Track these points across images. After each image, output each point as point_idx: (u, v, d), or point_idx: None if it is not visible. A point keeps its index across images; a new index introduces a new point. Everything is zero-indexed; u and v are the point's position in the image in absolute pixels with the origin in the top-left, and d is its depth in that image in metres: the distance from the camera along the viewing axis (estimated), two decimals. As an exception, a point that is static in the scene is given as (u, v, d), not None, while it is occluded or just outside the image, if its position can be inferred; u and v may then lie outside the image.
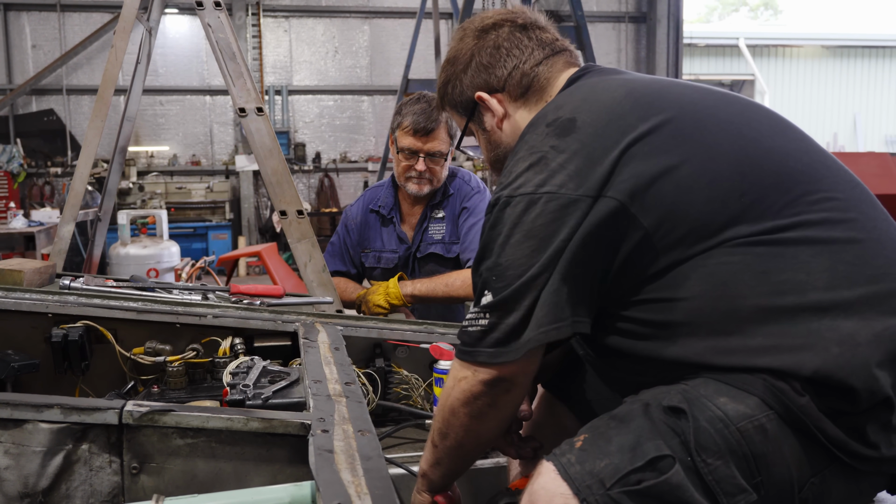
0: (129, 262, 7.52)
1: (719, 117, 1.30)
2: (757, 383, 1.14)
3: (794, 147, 1.30)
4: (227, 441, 1.33)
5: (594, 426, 1.20)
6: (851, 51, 19.67)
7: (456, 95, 1.54)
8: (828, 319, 1.15)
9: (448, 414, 1.32)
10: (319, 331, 2.05)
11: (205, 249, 11.84)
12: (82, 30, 12.36)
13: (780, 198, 1.21)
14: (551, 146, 1.27)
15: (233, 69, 2.57)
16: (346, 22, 13.37)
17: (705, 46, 18.39)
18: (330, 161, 13.40)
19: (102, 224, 2.94)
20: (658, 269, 1.22)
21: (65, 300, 2.03)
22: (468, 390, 1.27)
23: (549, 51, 1.49)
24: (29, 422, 1.27)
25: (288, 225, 2.58)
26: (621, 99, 1.30)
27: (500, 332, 1.23)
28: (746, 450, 1.11)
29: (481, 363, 1.25)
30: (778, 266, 1.18)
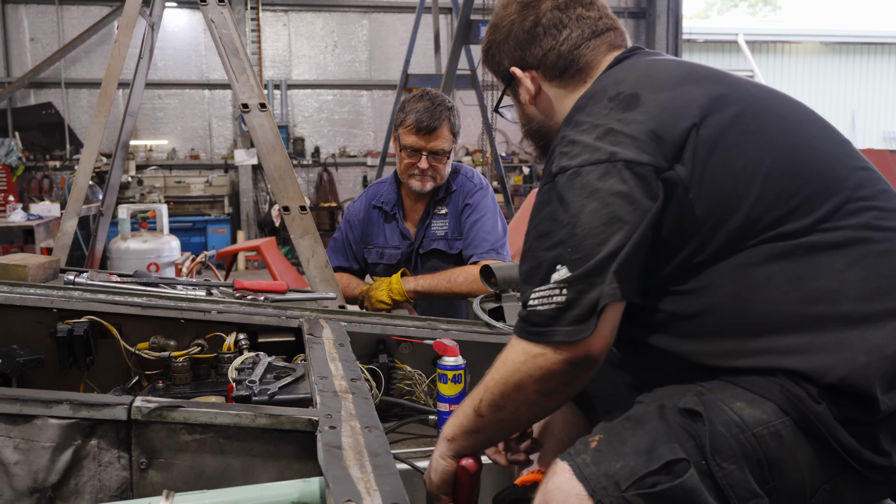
0: (129, 257, 7.51)
1: (773, 111, 1.30)
2: (774, 389, 1.15)
3: (839, 152, 1.29)
4: (234, 437, 1.34)
5: (609, 427, 1.21)
6: (850, 47, 19.65)
7: (494, 63, 1.55)
8: (858, 330, 1.16)
9: (511, 389, 1.26)
10: (323, 327, 2.05)
11: (204, 244, 11.83)
12: (80, 23, 12.32)
13: (824, 203, 1.21)
14: (618, 119, 1.25)
15: (236, 65, 2.57)
16: (346, 16, 13.34)
17: (704, 42, 18.37)
18: (329, 155, 13.40)
19: (105, 219, 2.94)
20: (697, 261, 1.22)
21: (69, 295, 2.03)
22: (547, 368, 1.21)
23: (591, 32, 1.47)
24: (38, 417, 1.27)
25: (291, 221, 2.58)
26: (682, 78, 1.30)
27: (582, 307, 1.17)
28: (761, 455, 1.12)
29: (559, 343, 1.19)
30: (812, 273, 1.19)
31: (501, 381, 1.27)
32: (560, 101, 1.47)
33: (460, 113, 2.84)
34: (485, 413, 1.32)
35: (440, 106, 2.70)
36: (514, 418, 1.32)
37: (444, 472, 1.41)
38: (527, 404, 1.27)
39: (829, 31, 19.81)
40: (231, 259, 7.93)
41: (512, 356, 1.26)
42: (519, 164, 13.82)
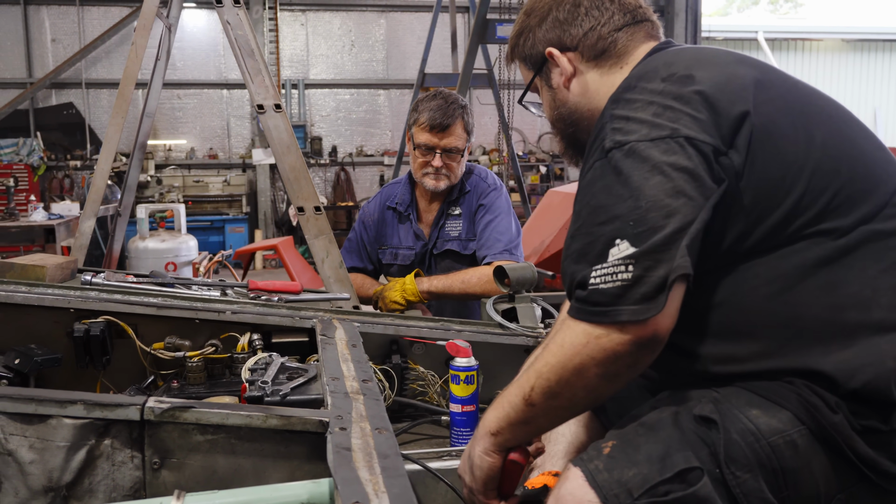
0: (147, 256, 7.58)
1: (820, 106, 1.29)
2: (790, 397, 1.14)
3: (879, 156, 1.28)
4: (246, 437, 1.35)
5: (623, 433, 1.21)
6: (872, 44, 19.43)
7: (527, 48, 1.52)
8: (889, 337, 1.15)
9: (570, 373, 1.18)
10: (337, 327, 2.06)
11: (222, 243, 11.90)
12: (101, 24, 12.43)
13: (864, 205, 1.21)
14: (675, 97, 1.22)
15: (251, 66, 2.59)
16: (363, 16, 13.37)
17: (724, 40, 18.24)
18: (346, 155, 13.44)
19: (122, 219, 2.97)
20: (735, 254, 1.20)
21: (86, 295, 2.05)
22: (611, 350, 1.14)
23: (631, 18, 1.46)
24: (53, 417, 1.29)
25: (305, 221, 2.60)
26: (734, 63, 1.28)
27: (650, 284, 1.11)
28: (776, 464, 1.12)
29: (625, 322, 1.12)
30: (846, 279, 1.18)
31: (559, 366, 1.19)
32: (596, 83, 1.45)
33: (476, 112, 2.85)
34: (537, 402, 1.24)
35: (453, 104, 2.71)
36: (570, 405, 1.24)
37: (490, 468, 1.33)
38: (586, 390, 1.19)
39: (850, 29, 19.59)
40: (249, 258, 7.98)
41: (571, 338, 1.18)
42: (536, 164, 13.79)
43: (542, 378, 1.22)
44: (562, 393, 1.21)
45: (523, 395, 1.25)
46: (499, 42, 6.99)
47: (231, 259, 6.77)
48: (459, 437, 1.95)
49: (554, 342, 1.21)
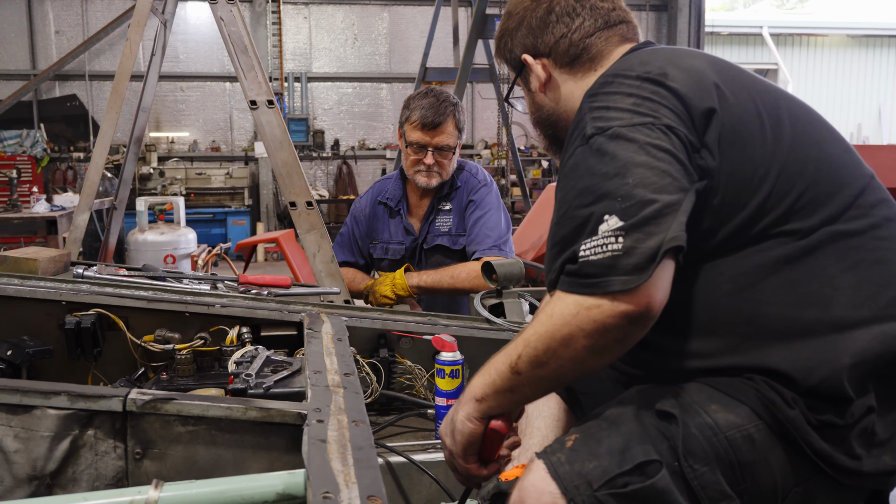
0: (146, 249, 7.63)
1: (787, 108, 1.31)
2: (749, 393, 1.17)
3: (846, 158, 1.31)
4: (226, 429, 1.38)
5: (585, 427, 1.23)
6: (877, 40, 19.36)
7: (507, 51, 1.56)
8: (845, 334, 1.18)
9: (558, 344, 1.16)
10: (324, 321, 2.09)
11: (223, 235, 11.95)
12: (105, 16, 12.47)
13: (828, 207, 1.23)
14: (652, 91, 1.23)
15: (244, 62, 2.61)
16: (366, 9, 13.38)
17: (728, 35, 18.19)
18: (348, 148, 13.46)
19: (118, 212, 3.00)
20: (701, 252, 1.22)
21: (78, 288, 2.09)
22: (601, 322, 1.12)
23: (604, 22, 1.47)
24: (38, 408, 1.32)
25: (297, 216, 2.62)
26: (706, 67, 1.29)
27: (639, 255, 1.10)
28: (733, 458, 1.15)
29: (617, 293, 1.11)
30: (807, 278, 1.20)
31: (547, 336, 1.17)
32: (570, 89, 1.48)
33: (478, 106, 2.87)
34: (523, 370, 1.21)
35: (445, 102, 2.73)
36: (557, 376, 1.22)
37: (471, 434, 1.31)
38: (573, 361, 1.17)
39: (855, 24, 19.53)
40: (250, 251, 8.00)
41: (560, 309, 1.16)
42: (538, 158, 13.80)
43: (529, 347, 1.20)
44: (548, 363, 1.19)
45: (510, 362, 1.23)
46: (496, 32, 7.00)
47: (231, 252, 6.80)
48: (444, 431, 1.99)
49: (543, 313, 1.20)
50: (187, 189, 12.15)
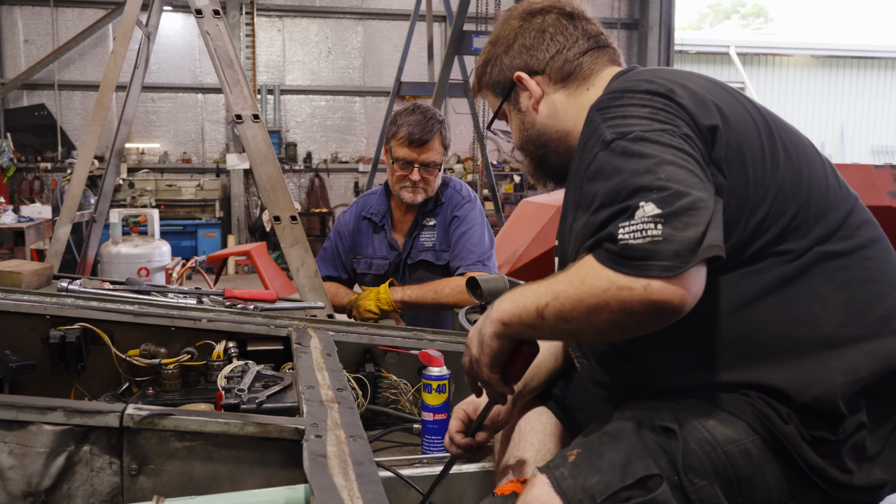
0: (119, 262, 7.52)
1: (782, 131, 1.34)
2: (746, 409, 1.20)
3: (833, 181, 1.34)
4: (223, 444, 1.37)
5: (587, 441, 1.25)
6: (840, 61, 19.84)
7: (494, 75, 1.56)
8: (837, 352, 1.21)
9: (584, 310, 1.16)
10: (312, 336, 2.09)
11: (194, 247, 11.84)
12: (75, 25, 12.34)
13: (819, 228, 1.27)
14: (664, 105, 1.24)
15: (230, 76, 2.62)
16: (340, 23, 13.41)
17: (696, 53, 18.52)
18: (321, 161, 13.44)
19: (97, 225, 2.98)
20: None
21: (62, 302, 2.07)
22: (630, 305, 1.12)
23: (594, 43, 1.51)
24: (33, 423, 1.31)
25: (282, 230, 2.62)
26: (708, 86, 1.32)
27: (679, 244, 1.09)
28: (731, 472, 1.18)
29: (653, 278, 1.09)
30: (799, 297, 1.23)
31: (576, 299, 1.17)
32: (564, 105, 1.50)
33: (452, 121, 2.90)
34: (547, 318, 1.22)
35: (432, 119, 2.76)
36: (575, 334, 1.25)
37: (499, 349, 1.31)
38: (593, 328, 1.18)
39: (819, 45, 20.00)
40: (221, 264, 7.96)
41: (593, 279, 1.14)
42: (510, 173, 13.89)
43: (557, 301, 1.19)
44: (571, 321, 1.19)
45: (537, 306, 1.22)
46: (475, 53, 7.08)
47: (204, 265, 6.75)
48: (431, 445, 1.99)
49: (574, 274, 1.19)
50: (157, 200, 12.03)
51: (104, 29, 12.38)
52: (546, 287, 1.23)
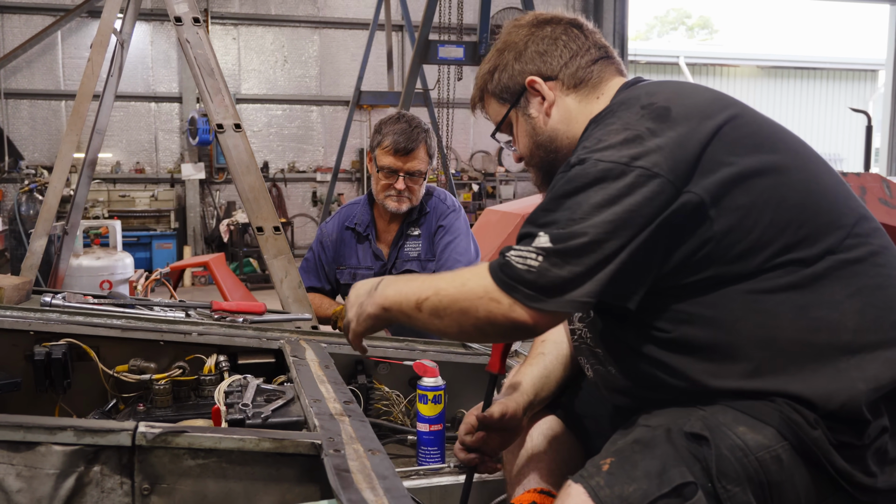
0: (81, 274, 7.29)
1: (787, 143, 1.36)
2: (773, 414, 1.21)
3: (840, 190, 1.37)
4: (237, 461, 1.34)
5: (619, 450, 1.25)
6: (784, 71, 20.40)
7: (504, 80, 1.55)
8: (855, 359, 1.24)
9: (457, 310, 1.31)
10: (306, 348, 2.07)
11: (149, 259, 11.59)
12: (22, 32, 12.00)
13: (829, 236, 1.28)
14: (647, 128, 1.28)
15: (211, 85, 2.58)
16: (296, 31, 13.30)
17: (646, 63, 18.86)
18: (278, 171, 13.29)
19: (69, 238, 2.90)
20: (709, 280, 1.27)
21: (47, 317, 2.01)
22: (493, 315, 1.27)
23: (604, 53, 1.54)
24: (42, 444, 1.26)
25: (265, 241, 2.59)
26: (711, 101, 1.34)
27: (548, 280, 1.22)
28: (763, 478, 1.19)
29: (516, 300, 1.24)
30: (816, 303, 1.25)
31: (452, 299, 1.32)
32: (576, 110, 1.51)
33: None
34: (423, 311, 1.37)
35: (417, 128, 2.75)
36: (443, 330, 1.38)
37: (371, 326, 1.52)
38: (460, 327, 1.33)
39: (765, 56, 20.55)
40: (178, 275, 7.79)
41: (473, 285, 1.30)
42: (468, 182, 13.94)
43: (436, 297, 1.34)
44: (444, 318, 1.34)
45: (418, 298, 1.38)
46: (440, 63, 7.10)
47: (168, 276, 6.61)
48: (427, 457, 1.98)
49: (462, 275, 1.35)
50: (110, 212, 11.74)
51: (53, 36, 12.07)
52: (430, 282, 1.38)
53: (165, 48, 12.66)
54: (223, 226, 11.85)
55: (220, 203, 12.94)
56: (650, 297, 1.29)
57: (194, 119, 11.72)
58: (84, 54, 12.88)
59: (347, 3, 13.39)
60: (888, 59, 16.18)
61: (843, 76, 20.64)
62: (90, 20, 12.26)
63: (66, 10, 11.99)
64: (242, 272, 11.42)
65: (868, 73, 20.59)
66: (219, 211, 12.82)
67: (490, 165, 14.18)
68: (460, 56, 6.83)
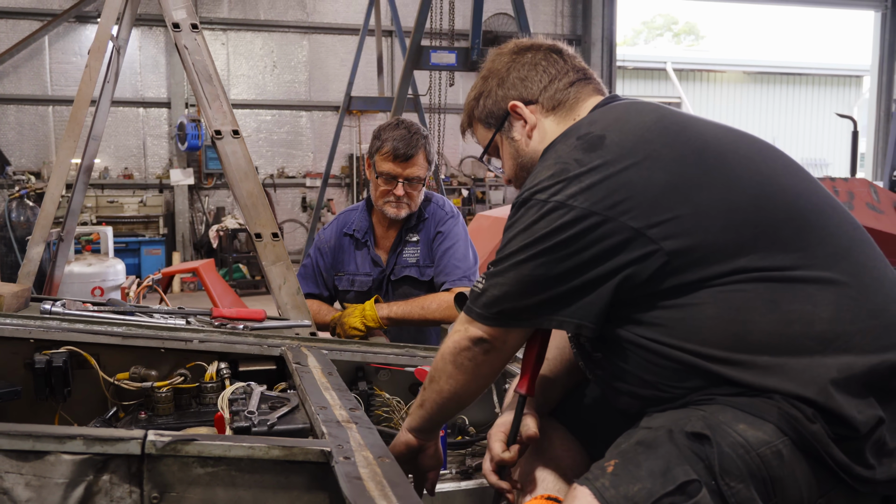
0: (72, 281, 7.21)
1: (739, 153, 1.40)
2: (772, 410, 1.23)
3: (804, 187, 1.40)
4: (246, 469, 1.34)
5: (623, 451, 1.27)
6: (770, 77, 20.55)
7: (488, 106, 1.64)
8: (831, 349, 1.26)
9: (439, 359, 1.53)
10: (307, 355, 2.06)
11: (137, 265, 11.52)
12: (9, 37, 11.93)
13: (791, 232, 1.32)
14: (575, 159, 1.37)
15: (209, 91, 2.57)
16: (285, 37, 13.28)
17: (634, 69, 18.95)
18: (267, 176, 13.26)
19: (65, 244, 2.88)
20: (673, 288, 1.31)
21: (47, 325, 1.99)
22: (458, 342, 1.49)
23: (582, 75, 1.61)
24: (51, 453, 1.25)
25: (263, 247, 2.58)
26: (651, 124, 1.40)
27: (486, 297, 1.43)
28: (765, 474, 1.20)
29: (472, 318, 1.45)
30: (787, 297, 1.28)
31: (438, 354, 1.55)
32: (553, 131, 1.57)
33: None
34: (426, 385, 1.59)
35: (416, 134, 2.76)
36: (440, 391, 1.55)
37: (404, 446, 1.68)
38: (446, 375, 1.53)
39: (751, 62, 20.71)
40: (167, 281, 7.75)
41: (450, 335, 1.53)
42: (458, 187, 13.95)
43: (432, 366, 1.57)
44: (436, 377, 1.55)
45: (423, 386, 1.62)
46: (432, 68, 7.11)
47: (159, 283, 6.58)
48: (429, 463, 1.98)
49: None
50: (98, 217, 11.68)
51: (40, 41, 12.01)
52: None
53: (154, 53, 12.61)
54: (213, 231, 11.81)
55: (210, 209, 12.90)
56: (624, 308, 1.35)
57: (183, 124, 11.68)
58: (71, 59, 12.84)
59: (336, 8, 13.39)
60: (873, 65, 16.34)
61: (829, 82, 20.82)
62: (78, 25, 12.21)
63: (53, 14, 11.92)
64: (232, 278, 11.38)
65: (853, 78, 20.78)
66: (208, 217, 12.78)
67: (480, 171, 14.21)
68: (452, 62, 6.86)
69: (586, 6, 14.50)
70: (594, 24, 14.40)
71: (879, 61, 16.05)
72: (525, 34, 6.85)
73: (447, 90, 9.50)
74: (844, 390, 1.23)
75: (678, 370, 1.32)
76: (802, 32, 28.88)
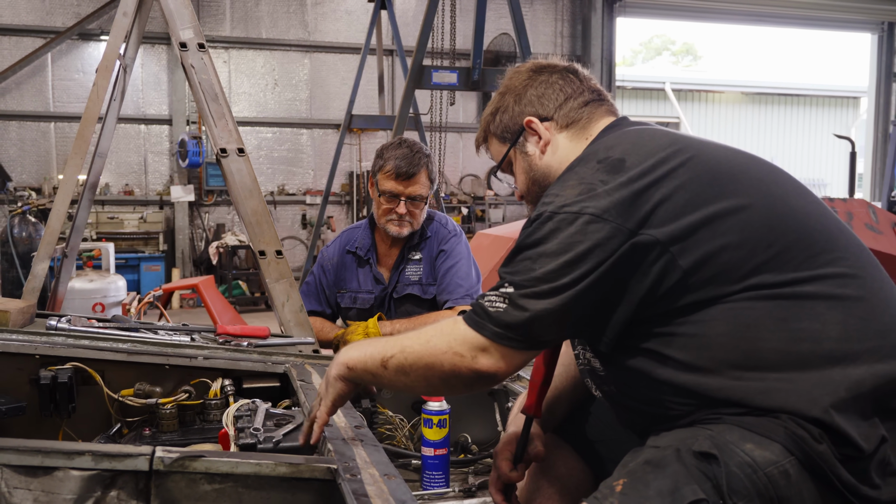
0: (74, 297, 7.20)
1: (750, 174, 1.43)
2: (779, 430, 1.24)
3: (812, 209, 1.42)
4: (253, 486, 1.35)
5: (631, 471, 1.27)
6: (768, 97, 20.65)
7: (504, 121, 1.66)
8: (840, 367, 1.27)
9: (423, 365, 1.44)
10: (311, 372, 2.07)
11: (137, 281, 11.52)
12: (12, 54, 11.98)
13: (801, 253, 1.34)
14: (600, 180, 1.38)
15: (215, 110, 2.60)
16: (287, 55, 13.36)
17: (633, 89, 19.05)
18: (268, 193, 13.27)
19: (69, 261, 2.89)
20: (687, 305, 1.32)
21: (53, 341, 2.00)
22: (457, 367, 1.40)
23: (596, 95, 1.64)
24: (60, 469, 1.26)
25: (266, 265, 2.60)
26: (667, 146, 1.43)
27: (512, 318, 1.35)
28: (773, 493, 1.21)
29: (487, 337, 1.36)
30: (796, 315, 1.30)
31: (418, 355, 1.44)
32: (566, 148, 1.61)
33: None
34: (389, 369, 1.48)
35: (419, 153, 2.78)
36: (410, 386, 1.50)
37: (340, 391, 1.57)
38: (426, 382, 1.47)
39: (749, 83, 20.81)
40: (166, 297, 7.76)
41: (437, 342, 1.42)
42: (458, 205, 13.98)
43: (402, 354, 1.46)
44: (411, 374, 1.46)
45: (383, 357, 1.49)
46: (434, 88, 7.16)
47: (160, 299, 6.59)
48: (432, 481, 1.98)
49: (428, 331, 1.46)
50: (98, 233, 11.69)
51: (43, 58, 12.08)
52: (395, 340, 1.50)
53: (156, 70, 12.67)
54: (212, 248, 11.81)
55: (210, 225, 12.91)
56: (635, 323, 1.36)
57: (184, 141, 11.72)
58: (74, 76, 12.91)
59: (338, 27, 13.48)
60: (870, 87, 16.46)
61: (826, 103, 20.93)
62: (80, 42, 12.28)
63: (56, 32, 11.99)
64: (231, 295, 11.38)
65: (851, 99, 20.89)
66: (208, 233, 12.79)
67: (479, 189, 14.24)
68: (454, 81, 6.90)
69: (585, 27, 14.60)
70: (593, 45, 14.49)
71: (876, 83, 16.18)
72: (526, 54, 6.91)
73: (448, 109, 9.54)
74: (851, 410, 1.25)
75: (685, 387, 1.33)
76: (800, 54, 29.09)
